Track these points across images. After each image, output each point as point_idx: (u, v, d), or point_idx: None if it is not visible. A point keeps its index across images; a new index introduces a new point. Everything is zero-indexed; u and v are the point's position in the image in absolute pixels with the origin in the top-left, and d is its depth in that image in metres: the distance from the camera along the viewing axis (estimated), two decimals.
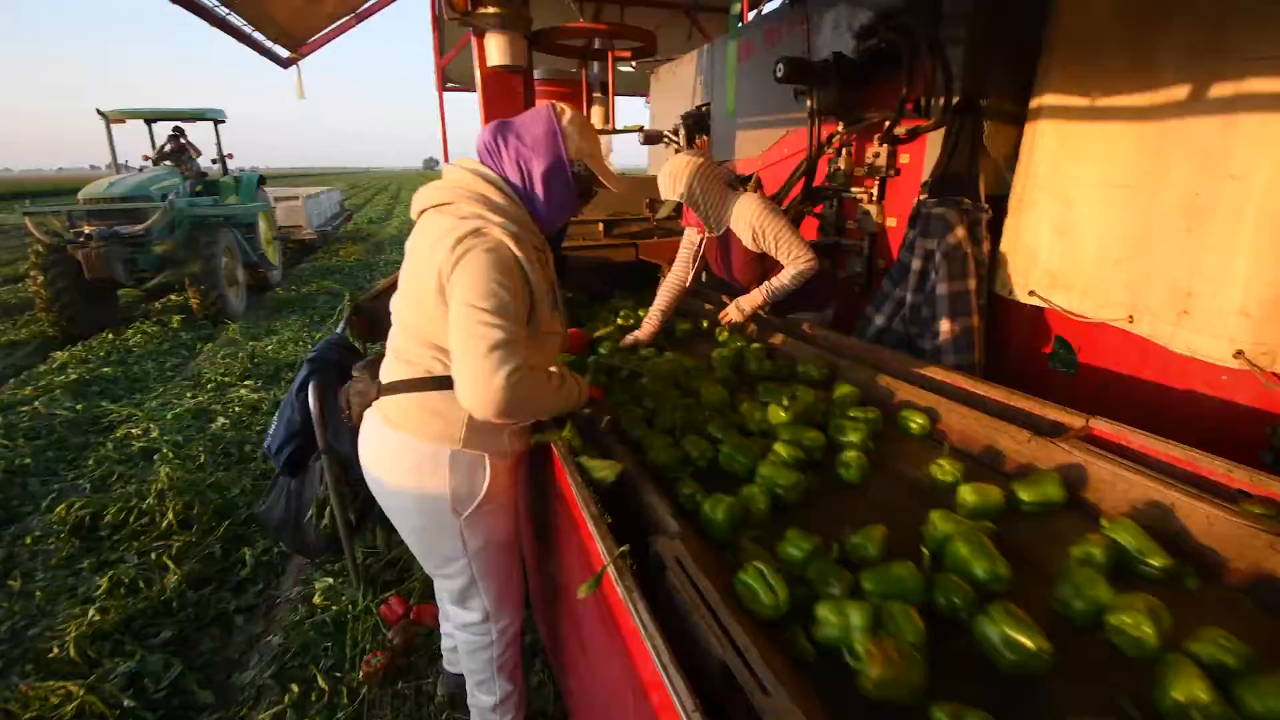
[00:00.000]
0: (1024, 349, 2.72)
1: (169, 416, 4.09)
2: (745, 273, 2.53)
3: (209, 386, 4.70)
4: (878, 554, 1.12)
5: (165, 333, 6.38)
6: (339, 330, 2.44)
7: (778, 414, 1.63)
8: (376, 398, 1.40)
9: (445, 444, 1.34)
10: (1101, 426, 1.45)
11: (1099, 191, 2.34)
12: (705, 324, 2.62)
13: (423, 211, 1.33)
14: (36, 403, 4.39)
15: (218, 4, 4.22)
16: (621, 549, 0.94)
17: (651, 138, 5.14)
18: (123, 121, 7.67)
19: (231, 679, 2.15)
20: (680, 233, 2.68)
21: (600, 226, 3.18)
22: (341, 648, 2.19)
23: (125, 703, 1.96)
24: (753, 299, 2.42)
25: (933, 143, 2.75)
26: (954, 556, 1.07)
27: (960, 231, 2.49)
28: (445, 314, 1.23)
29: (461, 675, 1.73)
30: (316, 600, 2.41)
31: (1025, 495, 1.30)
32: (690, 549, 1.01)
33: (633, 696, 0.90)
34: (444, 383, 1.30)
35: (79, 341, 5.95)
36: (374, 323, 2.58)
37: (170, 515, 2.90)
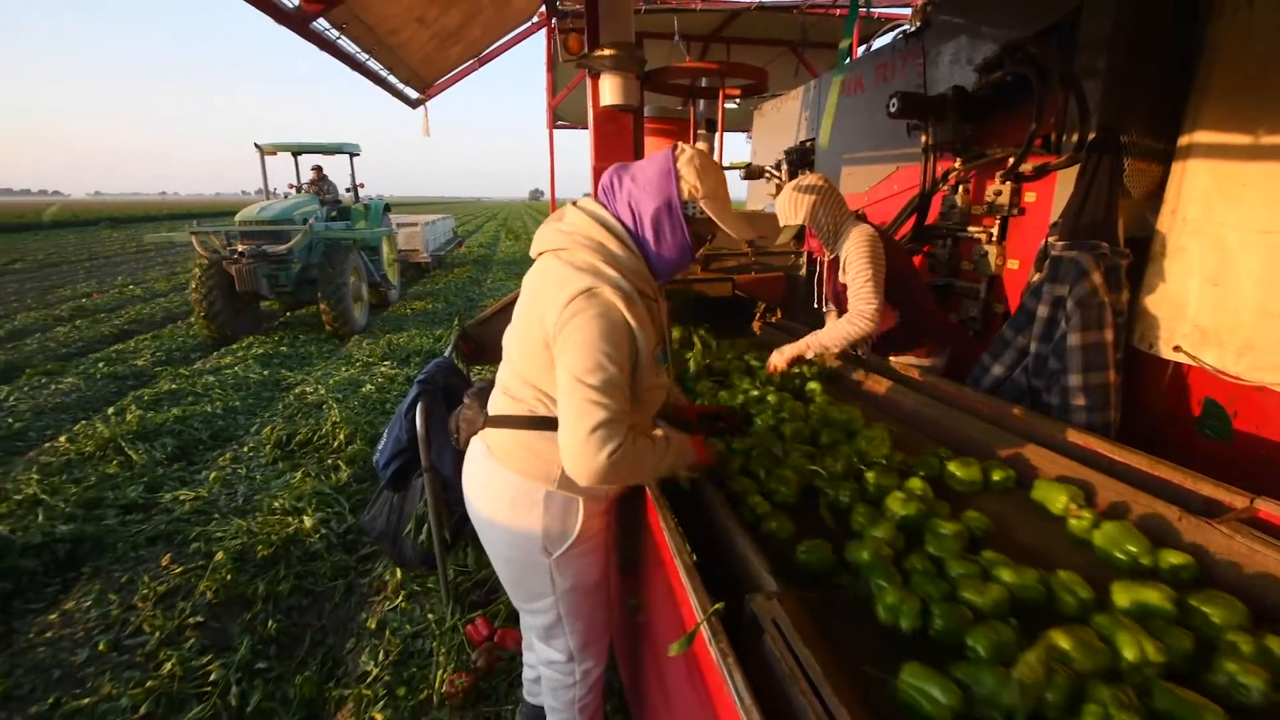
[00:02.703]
0: (1166, 411, 2.43)
1: (331, 382, 5.49)
2: (845, 300, 2.44)
3: (357, 364, 6.12)
4: None
5: (323, 326, 7.76)
6: (447, 354, 2.57)
7: None
8: (483, 428, 1.43)
9: (541, 483, 1.34)
10: (1268, 508, 1.27)
11: (1261, 238, 2.08)
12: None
13: (541, 253, 1.33)
14: (236, 368, 6.06)
15: (359, 50, 4.65)
16: (716, 606, 0.90)
17: (753, 173, 5.12)
18: (275, 154, 8.57)
19: None
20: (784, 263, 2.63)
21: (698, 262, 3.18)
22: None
23: (320, 531, 3.10)
24: (795, 348, 2.30)
25: (1063, 181, 2.55)
26: None
27: (1096, 278, 2.28)
28: (551, 363, 1.24)
29: (541, 708, 1.72)
30: None
31: None
32: (788, 609, 0.96)
33: None
34: (546, 423, 1.30)
35: (231, 343, 7.08)
36: (480, 347, 2.69)
37: (340, 437, 4.18)
